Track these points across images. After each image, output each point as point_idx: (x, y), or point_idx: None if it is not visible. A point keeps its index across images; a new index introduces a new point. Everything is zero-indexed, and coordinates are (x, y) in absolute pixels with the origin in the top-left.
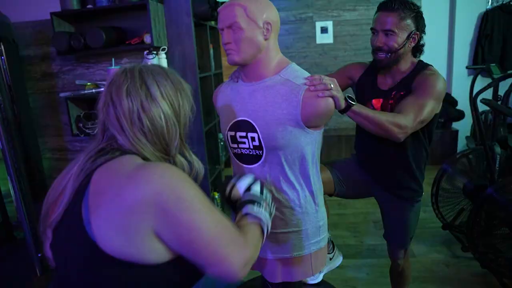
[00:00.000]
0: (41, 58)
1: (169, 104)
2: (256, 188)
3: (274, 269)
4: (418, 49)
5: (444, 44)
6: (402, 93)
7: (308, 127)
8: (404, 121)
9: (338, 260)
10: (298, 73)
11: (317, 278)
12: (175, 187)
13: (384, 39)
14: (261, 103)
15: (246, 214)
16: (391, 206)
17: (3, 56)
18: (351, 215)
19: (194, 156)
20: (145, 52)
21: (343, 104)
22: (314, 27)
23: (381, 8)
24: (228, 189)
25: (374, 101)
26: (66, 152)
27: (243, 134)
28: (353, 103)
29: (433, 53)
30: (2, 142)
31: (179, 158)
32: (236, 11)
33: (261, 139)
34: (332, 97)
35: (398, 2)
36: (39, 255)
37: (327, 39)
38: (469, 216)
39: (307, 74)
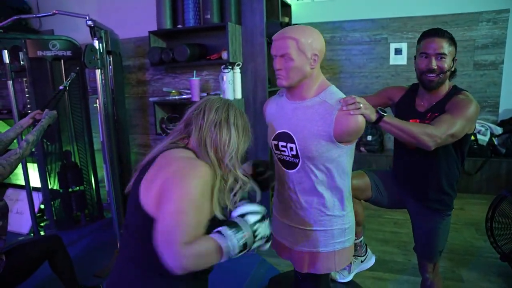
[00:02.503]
0: (137, 68)
1: (236, 133)
2: (251, 218)
3: (302, 260)
4: (453, 73)
5: None
6: (436, 114)
7: (339, 142)
8: (434, 131)
9: (371, 262)
10: (334, 95)
11: (347, 277)
12: (185, 178)
13: (437, 62)
14: (301, 119)
15: (217, 231)
16: (421, 217)
17: (110, 66)
18: (405, 234)
19: (240, 174)
20: (222, 67)
21: (373, 117)
22: (388, 48)
23: (431, 34)
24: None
25: (411, 121)
26: (150, 148)
27: (284, 144)
28: (384, 114)
29: None
30: (103, 135)
31: (232, 172)
32: (289, 43)
33: (298, 150)
34: (362, 114)
35: (444, 30)
36: (121, 231)
37: (400, 60)
38: None
39: (342, 96)
